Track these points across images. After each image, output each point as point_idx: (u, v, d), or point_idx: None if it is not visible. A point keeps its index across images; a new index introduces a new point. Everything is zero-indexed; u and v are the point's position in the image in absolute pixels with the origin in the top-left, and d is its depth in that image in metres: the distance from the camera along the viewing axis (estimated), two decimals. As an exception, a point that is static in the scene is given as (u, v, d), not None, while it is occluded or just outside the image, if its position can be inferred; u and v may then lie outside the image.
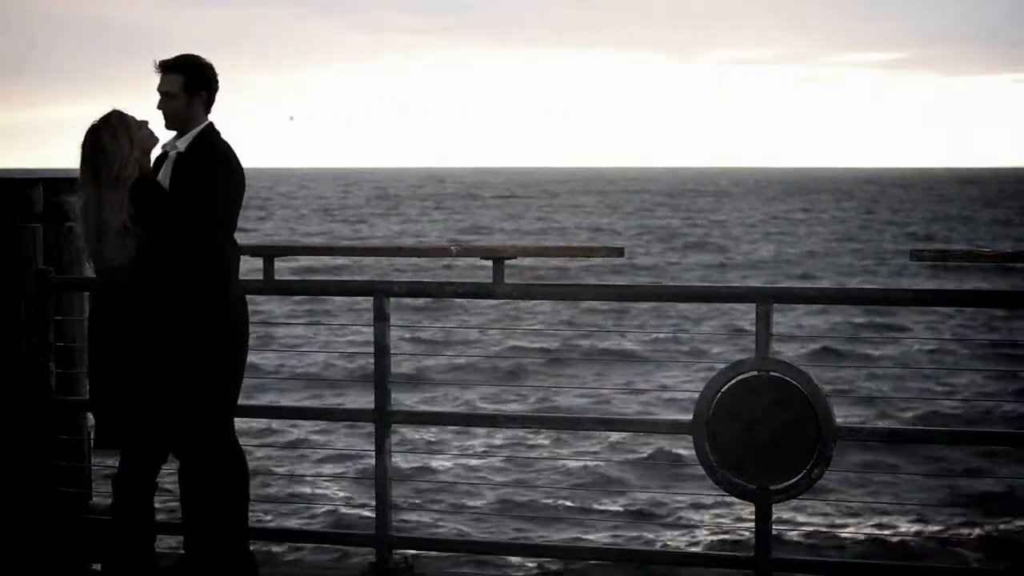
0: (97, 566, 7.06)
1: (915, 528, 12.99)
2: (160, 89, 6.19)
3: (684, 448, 14.58)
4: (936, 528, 13.03)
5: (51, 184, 7.27)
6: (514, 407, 18.56)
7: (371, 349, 6.87)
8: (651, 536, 12.46)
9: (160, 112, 6.22)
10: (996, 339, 25.61)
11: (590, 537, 12.20)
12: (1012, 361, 23.86)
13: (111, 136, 6.04)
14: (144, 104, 6.22)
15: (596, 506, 13.57)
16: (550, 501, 13.57)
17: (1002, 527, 12.84)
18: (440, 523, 12.71)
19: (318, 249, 11.56)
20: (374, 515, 6.86)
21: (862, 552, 12.15)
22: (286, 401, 18.92)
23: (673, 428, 7.50)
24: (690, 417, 6.55)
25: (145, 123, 6.19)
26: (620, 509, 13.40)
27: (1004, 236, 59.98)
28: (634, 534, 12.49)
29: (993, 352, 24.53)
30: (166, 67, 6.18)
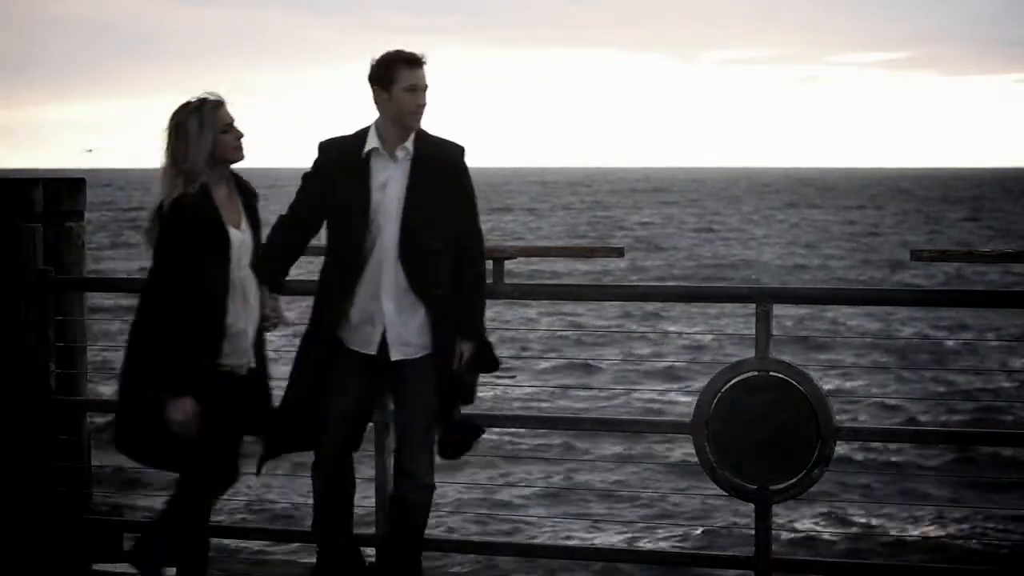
0: (97, 566, 7.06)
1: (915, 528, 12.98)
2: (425, 83, 5.97)
3: (684, 448, 14.57)
4: (936, 528, 13.03)
5: (51, 184, 7.27)
6: (513, 407, 18.54)
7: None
8: (651, 536, 12.45)
9: (421, 108, 5.98)
10: (996, 339, 25.60)
11: (589, 537, 12.20)
12: (1012, 361, 23.85)
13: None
14: (144, 105, 6.15)
15: (596, 506, 13.56)
16: (549, 501, 13.57)
17: (1002, 527, 12.83)
18: (439, 523, 12.70)
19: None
20: (374, 515, 6.85)
21: (862, 552, 12.15)
22: (286, 401, 18.89)
23: (673, 428, 7.51)
24: (690, 417, 6.55)
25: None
26: (620, 509, 13.39)
27: (1003, 237, 60.00)
28: (634, 534, 12.49)
29: (993, 352, 24.52)
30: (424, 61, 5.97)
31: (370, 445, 7.03)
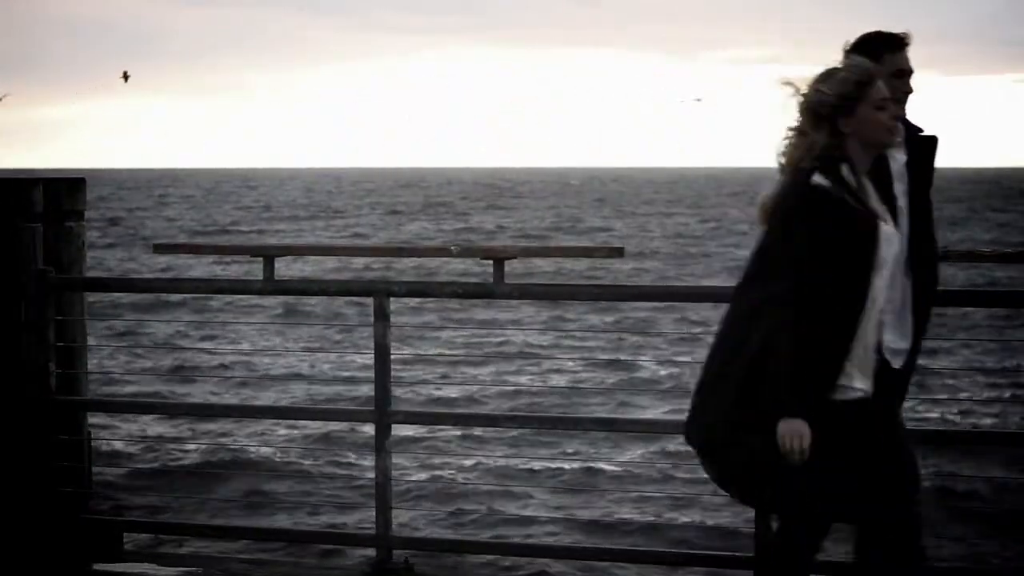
0: (97, 566, 7.07)
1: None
2: (911, 67, 5.14)
3: (684, 448, 14.56)
4: (934, 528, 13.02)
5: (51, 184, 7.28)
6: (514, 407, 18.55)
7: (371, 349, 6.87)
8: (650, 536, 12.45)
9: (906, 97, 5.18)
10: (996, 339, 25.59)
11: (590, 537, 12.20)
12: (1011, 361, 23.85)
13: None
14: (144, 105, 6.11)
15: (595, 507, 13.56)
16: (549, 501, 13.57)
17: (999, 527, 12.84)
18: (440, 523, 12.70)
19: (318, 249, 11.61)
20: (374, 515, 6.86)
21: (862, 552, 12.12)
22: (286, 401, 18.92)
23: (673, 428, 7.50)
24: (690, 417, 6.53)
25: None
26: (619, 509, 13.39)
27: (1002, 238, 60.04)
28: (633, 534, 12.49)
29: (993, 352, 24.51)
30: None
31: (370, 445, 7.04)
